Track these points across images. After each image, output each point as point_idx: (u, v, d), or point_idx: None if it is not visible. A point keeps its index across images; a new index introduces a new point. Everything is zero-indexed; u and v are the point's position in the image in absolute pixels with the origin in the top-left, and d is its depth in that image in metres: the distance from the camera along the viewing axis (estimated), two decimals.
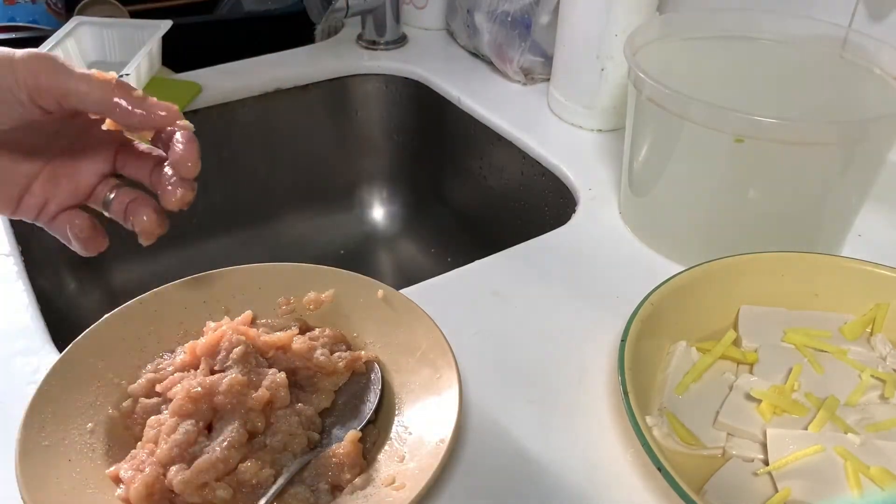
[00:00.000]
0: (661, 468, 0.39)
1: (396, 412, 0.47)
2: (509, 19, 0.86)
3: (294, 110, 0.94)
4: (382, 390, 0.48)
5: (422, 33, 1.03)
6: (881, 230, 0.66)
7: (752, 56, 0.66)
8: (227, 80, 0.90)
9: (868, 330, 0.53)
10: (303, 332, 0.51)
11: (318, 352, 0.49)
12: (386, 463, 0.44)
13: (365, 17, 0.98)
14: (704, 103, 0.54)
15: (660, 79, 0.56)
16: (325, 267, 0.55)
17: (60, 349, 0.53)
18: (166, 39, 0.86)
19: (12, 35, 1.10)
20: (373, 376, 0.49)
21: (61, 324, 0.60)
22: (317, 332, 0.51)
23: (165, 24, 0.86)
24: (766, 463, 0.44)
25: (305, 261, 0.55)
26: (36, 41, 0.81)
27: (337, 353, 0.49)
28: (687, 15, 0.68)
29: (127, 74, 0.77)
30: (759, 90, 0.62)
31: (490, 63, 0.92)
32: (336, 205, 1.03)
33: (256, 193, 0.96)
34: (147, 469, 0.41)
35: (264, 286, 0.54)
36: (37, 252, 0.69)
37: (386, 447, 0.45)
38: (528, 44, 0.86)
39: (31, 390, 0.50)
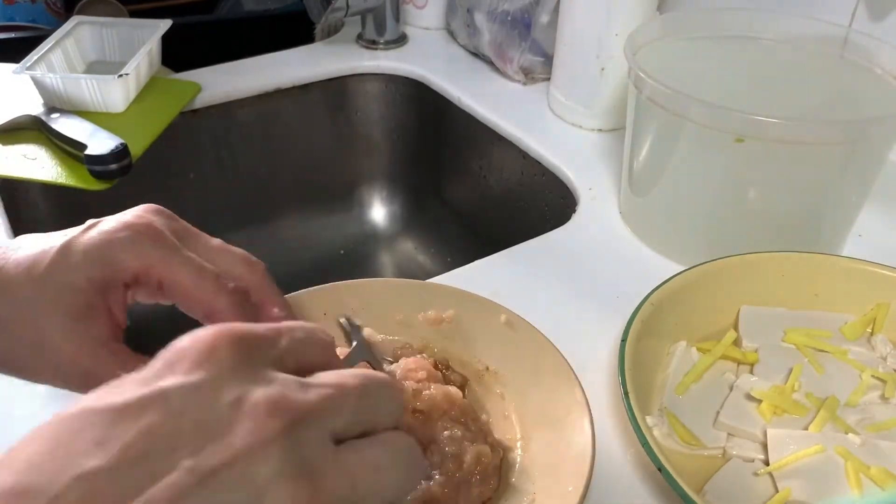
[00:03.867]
0: (661, 468, 0.39)
1: (519, 449, 0.44)
2: (509, 19, 0.86)
3: (294, 110, 0.94)
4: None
5: (422, 33, 1.03)
6: (881, 230, 0.66)
7: (752, 56, 0.66)
8: (226, 80, 0.89)
9: (868, 330, 0.53)
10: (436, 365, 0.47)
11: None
12: None
13: (365, 17, 0.98)
14: (705, 103, 0.54)
15: (660, 79, 0.56)
16: (444, 285, 0.54)
17: None
18: (166, 39, 0.86)
19: (12, 35, 1.10)
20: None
21: None
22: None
23: (165, 24, 0.86)
24: (767, 463, 0.44)
25: (305, 261, 0.55)
26: (36, 41, 0.81)
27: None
28: (687, 15, 0.68)
29: (126, 74, 0.77)
30: (759, 90, 0.62)
31: (490, 63, 0.92)
32: (336, 205, 1.03)
33: (256, 193, 0.96)
34: None
35: (377, 301, 0.51)
36: None
37: (512, 482, 0.42)
38: (528, 43, 0.86)
39: (30, 390, 0.50)
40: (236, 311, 0.39)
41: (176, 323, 0.44)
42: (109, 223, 0.39)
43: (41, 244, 0.39)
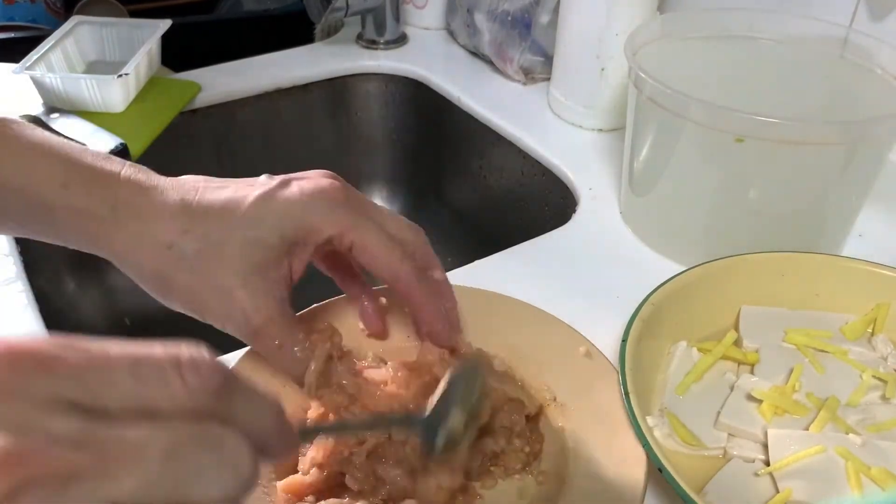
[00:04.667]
0: (661, 468, 0.39)
1: (569, 493, 0.42)
2: (509, 19, 0.86)
3: (294, 110, 0.94)
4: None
5: (422, 33, 1.03)
6: (882, 230, 0.66)
7: (752, 56, 0.66)
8: (226, 80, 0.89)
9: (869, 330, 0.53)
10: None
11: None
12: None
13: (365, 17, 0.98)
14: (705, 103, 0.54)
15: (660, 79, 0.56)
16: (534, 306, 0.51)
17: None
18: (166, 39, 0.86)
19: (12, 35, 1.10)
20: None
21: (61, 324, 0.60)
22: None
23: (165, 24, 0.86)
24: (767, 463, 0.44)
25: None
26: (35, 41, 0.81)
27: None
28: (687, 15, 0.68)
29: (126, 74, 0.77)
30: (759, 90, 0.62)
31: (490, 63, 0.92)
32: None
33: None
34: None
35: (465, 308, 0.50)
36: (36, 252, 0.68)
37: None
38: (528, 43, 0.86)
39: None
40: (417, 277, 0.42)
41: (177, 324, 0.44)
42: (307, 185, 0.40)
43: (233, 189, 0.40)
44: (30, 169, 0.37)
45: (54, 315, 0.58)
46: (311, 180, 0.41)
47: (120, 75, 0.77)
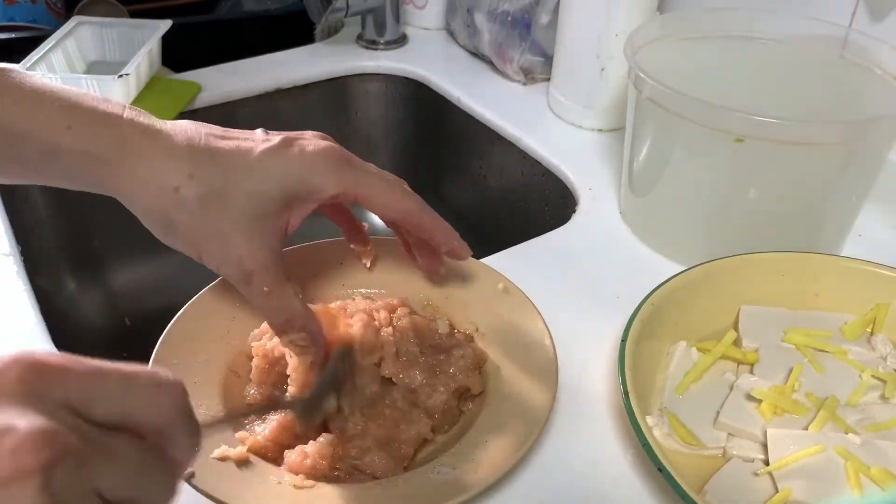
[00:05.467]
0: (661, 468, 0.39)
1: (488, 407, 0.47)
2: (509, 19, 0.86)
3: (294, 110, 0.94)
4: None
5: (422, 33, 1.03)
6: (881, 230, 0.66)
7: (752, 56, 0.66)
8: (227, 80, 0.90)
9: (868, 330, 0.53)
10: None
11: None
12: (465, 447, 0.45)
13: (365, 17, 0.98)
14: (704, 103, 0.54)
15: (660, 79, 0.56)
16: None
17: (60, 349, 0.53)
18: (166, 39, 0.86)
19: (12, 35, 1.10)
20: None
21: (61, 324, 0.60)
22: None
23: (165, 24, 0.86)
24: (767, 463, 0.44)
25: None
26: (36, 41, 0.81)
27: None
28: (687, 15, 0.68)
29: (127, 74, 0.77)
30: (759, 90, 0.62)
31: (490, 63, 0.92)
32: None
33: None
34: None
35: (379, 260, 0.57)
36: (37, 252, 0.68)
37: (471, 432, 0.46)
38: (528, 43, 0.86)
39: None
40: (423, 208, 0.45)
41: None
42: (309, 146, 0.43)
43: (236, 140, 0.42)
44: (33, 114, 0.38)
45: (54, 315, 0.58)
46: (311, 141, 0.43)
47: (120, 75, 0.77)
